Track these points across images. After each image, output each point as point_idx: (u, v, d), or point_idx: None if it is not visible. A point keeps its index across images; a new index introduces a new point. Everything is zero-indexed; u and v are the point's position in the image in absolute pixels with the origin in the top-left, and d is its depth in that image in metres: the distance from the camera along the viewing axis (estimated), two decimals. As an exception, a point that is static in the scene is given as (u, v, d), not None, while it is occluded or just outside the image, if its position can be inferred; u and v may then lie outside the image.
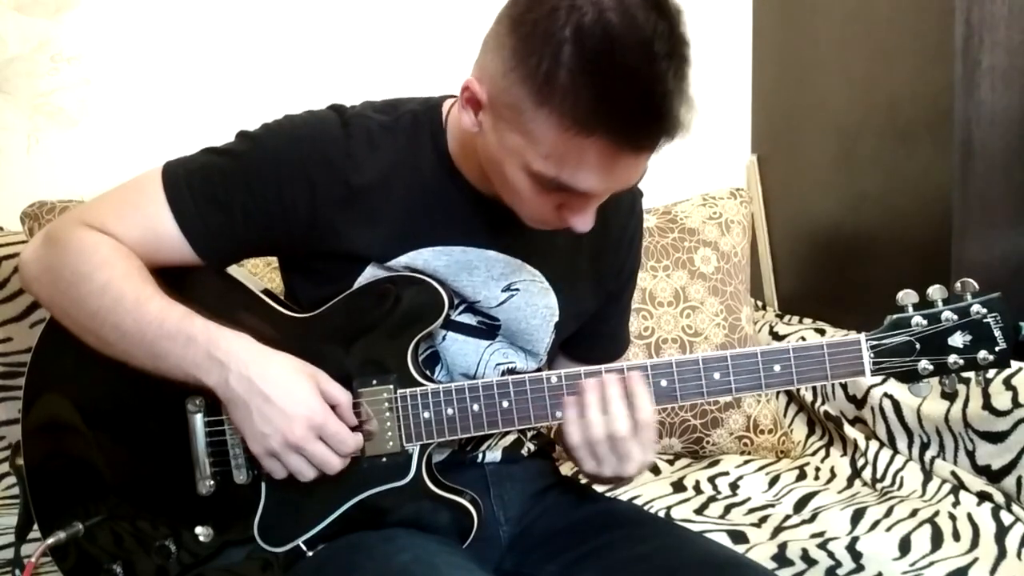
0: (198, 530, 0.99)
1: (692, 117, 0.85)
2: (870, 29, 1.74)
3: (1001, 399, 1.37)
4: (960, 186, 1.51)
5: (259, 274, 1.60)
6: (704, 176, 2.08)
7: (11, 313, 1.64)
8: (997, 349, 0.93)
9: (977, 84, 1.49)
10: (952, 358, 0.93)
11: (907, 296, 0.94)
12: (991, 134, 1.50)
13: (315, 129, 1.00)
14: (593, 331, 1.16)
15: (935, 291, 0.94)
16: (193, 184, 0.99)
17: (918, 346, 0.93)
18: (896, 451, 1.56)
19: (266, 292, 1.04)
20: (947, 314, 0.93)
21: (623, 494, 1.50)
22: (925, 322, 0.93)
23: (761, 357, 0.94)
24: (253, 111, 1.10)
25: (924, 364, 0.94)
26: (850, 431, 1.64)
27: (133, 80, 1.87)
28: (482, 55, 0.91)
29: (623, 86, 0.80)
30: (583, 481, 1.48)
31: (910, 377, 0.95)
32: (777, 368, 0.94)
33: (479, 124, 0.91)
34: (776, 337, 1.88)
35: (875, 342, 0.94)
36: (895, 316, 0.94)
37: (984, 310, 0.93)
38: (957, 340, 0.93)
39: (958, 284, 0.94)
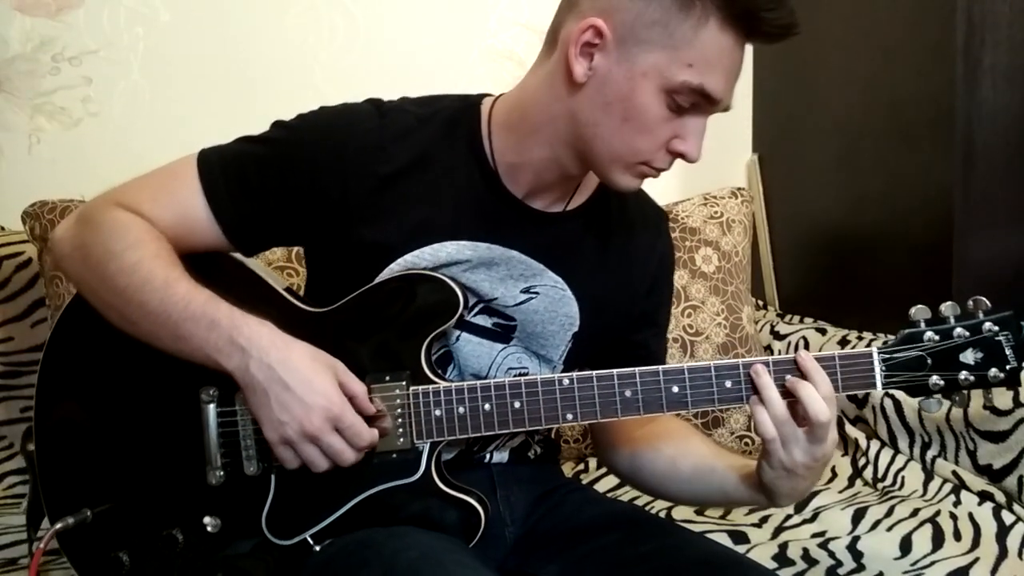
0: (206, 520, 0.99)
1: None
2: (871, 28, 1.74)
3: (1002, 399, 1.37)
4: (962, 185, 1.51)
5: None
6: (705, 176, 2.07)
7: (12, 313, 1.64)
8: (1008, 367, 0.92)
9: (979, 83, 1.49)
10: (963, 374, 0.93)
11: (920, 312, 0.94)
12: (993, 133, 1.50)
13: (350, 119, 1.02)
14: (630, 354, 1.13)
15: (947, 308, 0.94)
16: (227, 170, 1.00)
17: (930, 361, 0.93)
18: (897, 451, 1.56)
19: (287, 289, 1.05)
20: (959, 331, 0.93)
21: (624, 495, 1.50)
22: (937, 338, 0.93)
23: (773, 367, 0.94)
24: (254, 110, 1.11)
25: (935, 379, 0.93)
26: (851, 430, 1.64)
27: (134, 80, 1.87)
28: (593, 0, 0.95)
29: None
30: (585, 481, 1.49)
31: (921, 392, 0.95)
32: (789, 379, 0.93)
33: (591, 72, 0.94)
34: (777, 337, 1.88)
35: (887, 355, 0.94)
36: (907, 331, 0.94)
37: (996, 328, 0.92)
38: (968, 357, 0.93)
39: (970, 301, 0.94)
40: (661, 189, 2.03)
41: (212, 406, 0.98)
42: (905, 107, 1.64)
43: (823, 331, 1.80)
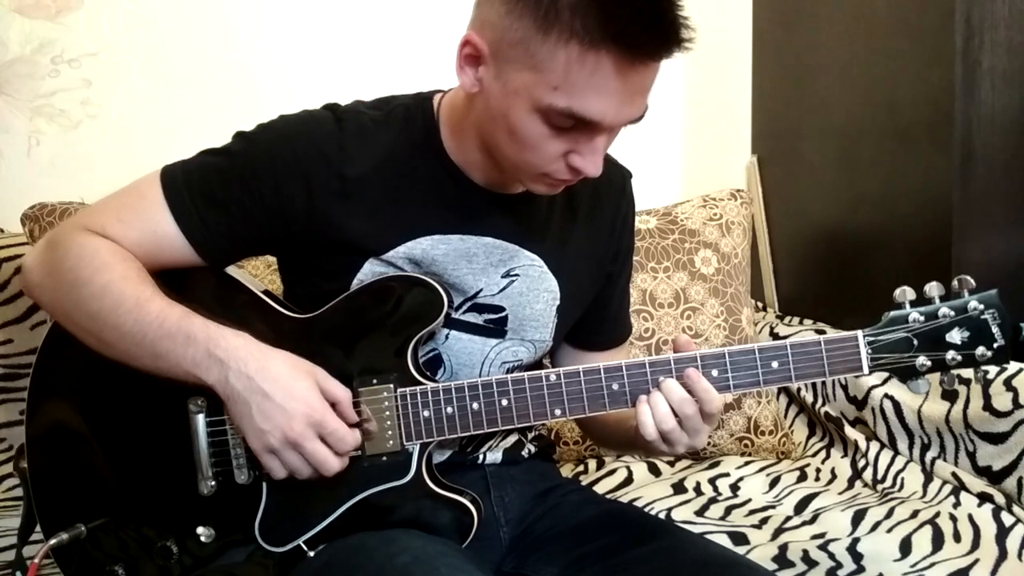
0: (199, 530, 0.99)
1: (693, 36, 0.88)
2: (870, 30, 1.74)
3: (1001, 400, 1.37)
4: (960, 187, 1.51)
5: (259, 276, 1.60)
6: (704, 177, 2.08)
7: (12, 315, 1.65)
8: (995, 346, 0.92)
9: (977, 85, 1.49)
10: (950, 354, 0.93)
11: (904, 293, 0.94)
12: (991, 135, 1.50)
13: (309, 126, 1.02)
14: (596, 317, 1.17)
15: (932, 288, 0.94)
16: (191, 184, 1.00)
17: (915, 342, 0.93)
18: (897, 452, 1.56)
19: (266, 293, 1.05)
20: (944, 310, 0.93)
21: (623, 495, 1.50)
22: (922, 318, 0.93)
23: (759, 354, 0.94)
24: (253, 112, 1.11)
25: (922, 360, 0.93)
26: (851, 432, 1.63)
27: (133, 82, 1.87)
28: (476, 9, 0.94)
29: None
30: (584, 483, 1.49)
31: (908, 373, 0.94)
32: (775, 365, 0.94)
33: (479, 82, 0.93)
34: (776, 338, 1.88)
35: (872, 338, 0.94)
36: (892, 312, 0.94)
37: (981, 306, 0.92)
38: (955, 336, 0.93)
39: (955, 281, 0.93)
40: (660, 190, 2.05)
41: (201, 416, 0.98)
42: (904, 109, 1.65)
43: (822, 332, 1.80)
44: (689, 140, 2.13)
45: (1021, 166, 1.52)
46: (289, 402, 0.90)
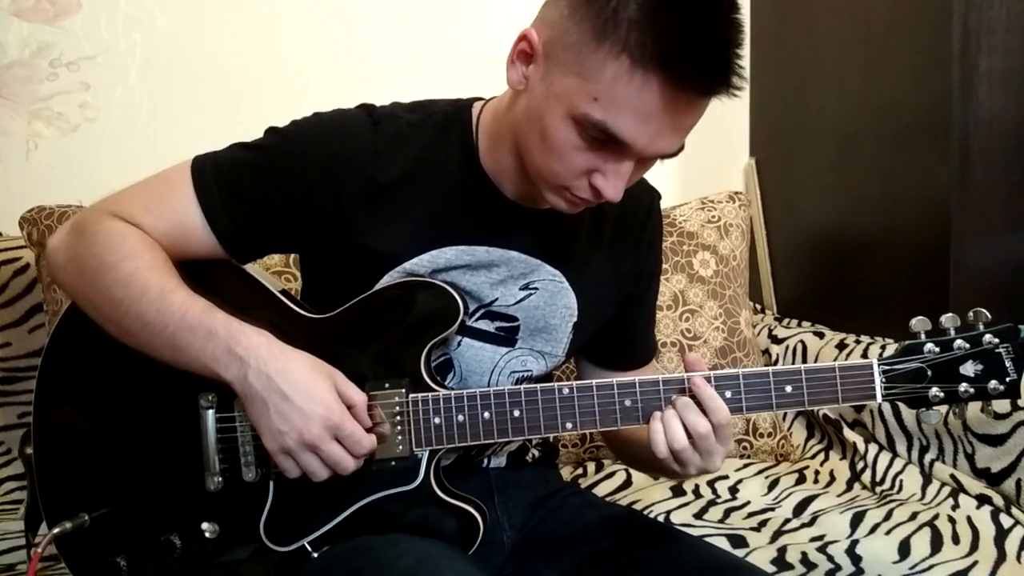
0: (204, 526, 0.99)
1: (743, 86, 0.87)
2: (868, 33, 1.75)
3: (1000, 402, 1.36)
4: (958, 190, 1.51)
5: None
6: (703, 180, 2.08)
7: (10, 318, 1.64)
8: (1008, 379, 0.92)
9: (975, 88, 1.49)
10: (963, 387, 0.93)
11: (920, 323, 0.94)
12: (989, 138, 1.50)
13: (344, 126, 1.01)
14: (619, 337, 1.16)
15: (948, 319, 0.94)
16: (220, 177, 1.00)
17: (929, 373, 0.93)
18: (895, 454, 1.56)
19: (283, 292, 1.04)
20: (959, 342, 0.92)
21: (622, 498, 1.50)
22: (937, 349, 0.93)
23: (773, 377, 0.93)
24: (252, 114, 1.11)
25: (935, 391, 0.93)
26: (849, 434, 1.64)
27: (132, 85, 1.87)
28: (543, 8, 0.93)
29: (691, 26, 0.83)
30: (584, 486, 1.49)
31: (920, 403, 0.94)
32: (789, 389, 0.93)
33: (525, 80, 0.92)
34: (775, 340, 1.88)
35: (887, 367, 0.93)
36: (907, 342, 0.94)
37: (996, 340, 0.92)
38: (968, 369, 0.93)
39: (971, 313, 0.93)
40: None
41: (211, 412, 0.98)
42: (902, 112, 1.65)
43: (821, 335, 1.81)
44: (687, 142, 2.13)
45: (1019, 169, 1.52)
46: (308, 404, 0.90)
